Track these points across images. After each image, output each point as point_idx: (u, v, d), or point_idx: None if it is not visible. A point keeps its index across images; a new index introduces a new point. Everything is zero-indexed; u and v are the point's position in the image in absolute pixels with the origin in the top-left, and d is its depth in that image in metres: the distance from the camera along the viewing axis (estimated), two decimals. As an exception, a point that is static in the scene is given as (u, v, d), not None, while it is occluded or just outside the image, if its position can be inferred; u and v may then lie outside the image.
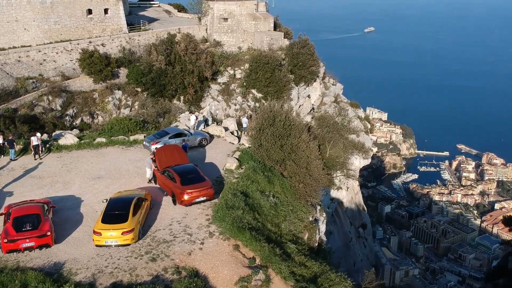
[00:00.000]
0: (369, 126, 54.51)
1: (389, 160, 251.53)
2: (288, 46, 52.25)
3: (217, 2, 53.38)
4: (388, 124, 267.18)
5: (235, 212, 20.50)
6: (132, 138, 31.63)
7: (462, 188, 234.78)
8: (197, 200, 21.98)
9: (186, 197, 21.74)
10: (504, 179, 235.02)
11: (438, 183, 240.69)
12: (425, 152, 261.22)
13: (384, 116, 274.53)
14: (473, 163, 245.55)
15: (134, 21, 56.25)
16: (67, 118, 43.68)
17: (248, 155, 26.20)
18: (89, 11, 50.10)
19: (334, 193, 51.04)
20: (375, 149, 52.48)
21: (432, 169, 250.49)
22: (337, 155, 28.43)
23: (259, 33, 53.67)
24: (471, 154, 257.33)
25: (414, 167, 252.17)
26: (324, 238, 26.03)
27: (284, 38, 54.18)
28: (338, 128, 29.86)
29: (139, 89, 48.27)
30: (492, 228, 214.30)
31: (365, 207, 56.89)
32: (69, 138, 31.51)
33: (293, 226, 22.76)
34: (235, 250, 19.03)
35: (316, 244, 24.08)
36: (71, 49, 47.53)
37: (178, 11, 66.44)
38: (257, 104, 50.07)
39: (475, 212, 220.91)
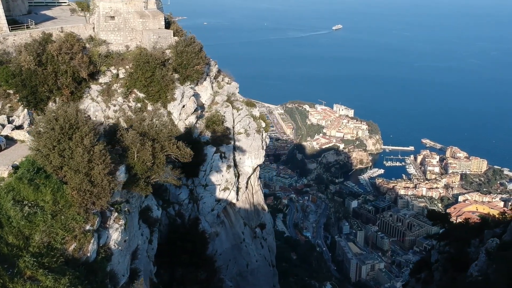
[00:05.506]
0: (263, 125, 53.44)
1: (355, 156, 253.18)
2: (174, 44, 50.81)
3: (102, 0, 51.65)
4: (355, 120, 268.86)
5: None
6: None
7: (427, 181, 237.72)
8: None
9: None
10: (467, 172, 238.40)
11: (404, 177, 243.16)
12: (390, 147, 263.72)
13: (351, 113, 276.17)
14: (438, 157, 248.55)
15: (25, 20, 54.00)
16: None
17: (30, 161, 24.83)
18: (-39, 10, 47.80)
19: (220, 194, 49.97)
20: (259, 160, 51.64)
21: (398, 163, 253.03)
22: (144, 158, 27.29)
23: (147, 31, 52.11)
24: (436, 148, 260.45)
25: (380, 162, 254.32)
26: (114, 247, 24.76)
27: (174, 36, 52.69)
28: (149, 131, 28.60)
29: (11, 91, 46.35)
30: (456, 220, 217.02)
31: (265, 207, 56.00)
32: None
33: (49, 237, 21.45)
34: None
35: (89, 255, 22.81)
36: None
37: (81, 10, 64.35)
38: (138, 105, 48.74)
39: (440, 205, 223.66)
